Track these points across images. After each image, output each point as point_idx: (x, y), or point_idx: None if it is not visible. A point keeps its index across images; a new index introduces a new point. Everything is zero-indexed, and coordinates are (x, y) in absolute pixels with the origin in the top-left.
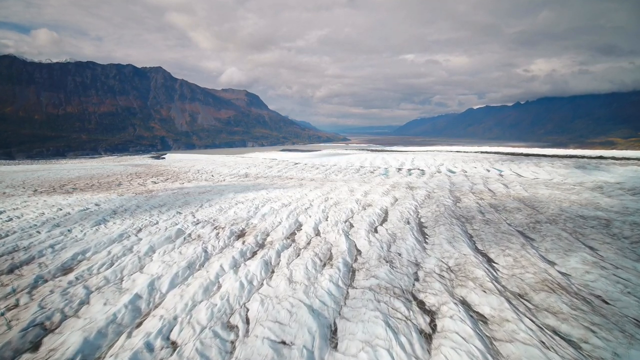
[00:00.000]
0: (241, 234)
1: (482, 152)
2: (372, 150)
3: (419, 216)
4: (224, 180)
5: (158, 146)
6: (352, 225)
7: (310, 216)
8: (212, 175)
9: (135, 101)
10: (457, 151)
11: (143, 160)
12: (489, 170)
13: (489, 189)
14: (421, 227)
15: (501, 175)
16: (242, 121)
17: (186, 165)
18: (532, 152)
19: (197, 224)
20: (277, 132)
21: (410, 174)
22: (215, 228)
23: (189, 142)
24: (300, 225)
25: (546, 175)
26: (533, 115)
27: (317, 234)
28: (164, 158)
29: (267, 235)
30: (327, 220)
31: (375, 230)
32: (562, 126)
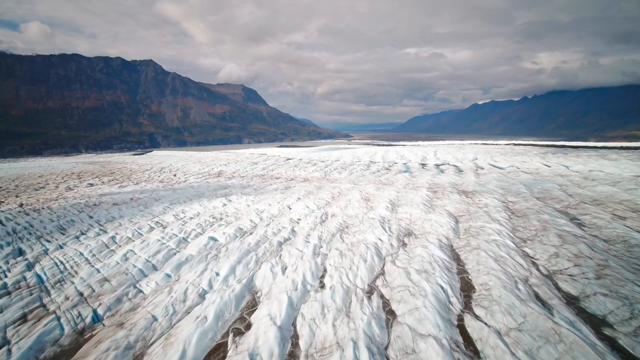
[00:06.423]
0: None
1: (515, 145)
2: (379, 145)
3: (546, 271)
4: (185, 180)
5: (146, 143)
6: (393, 314)
7: (283, 270)
8: (175, 175)
9: (123, 95)
10: (483, 144)
11: (112, 158)
12: (548, 166)
13: (602, 196)
14: (593, 323)
15: (575, 172)
16: (238, 116)
17: (153, 162)
18: (576, 145)
19: None
20: (276, 128)
21: (441, 171)
22: None
23: (180, 138)
24: (252, 309)
25: None
26: (542, 110)
27: None
28: (144, 155)
29: None
30: (322, 286)
31: (467, 341)
32: (574, 120)
